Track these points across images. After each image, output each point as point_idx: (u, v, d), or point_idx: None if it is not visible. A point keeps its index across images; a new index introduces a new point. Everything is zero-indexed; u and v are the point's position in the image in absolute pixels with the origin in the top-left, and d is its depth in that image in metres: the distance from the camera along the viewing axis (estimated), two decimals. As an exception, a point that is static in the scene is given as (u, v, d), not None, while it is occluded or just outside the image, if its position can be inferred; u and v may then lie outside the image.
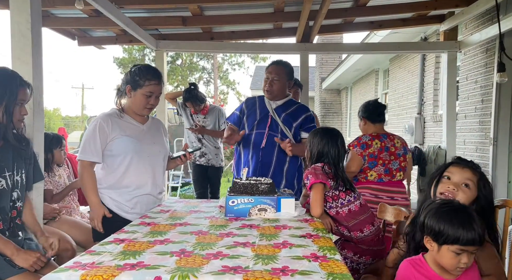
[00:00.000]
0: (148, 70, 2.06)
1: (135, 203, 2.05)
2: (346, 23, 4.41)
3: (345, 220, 1.92)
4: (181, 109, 4.26)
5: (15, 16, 2.08)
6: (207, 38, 4.54)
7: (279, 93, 2.63)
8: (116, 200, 2.04)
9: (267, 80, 2.61)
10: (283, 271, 1.13)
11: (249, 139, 2.62)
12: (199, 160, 4.20)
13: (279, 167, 2.57)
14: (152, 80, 2.03)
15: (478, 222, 1.20)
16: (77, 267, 1.14)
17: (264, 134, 2.58)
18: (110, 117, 2.05)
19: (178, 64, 21.12)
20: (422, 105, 5.47)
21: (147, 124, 2.16)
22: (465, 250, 1.19)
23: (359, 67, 8.09)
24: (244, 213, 1.83)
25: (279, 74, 2.59)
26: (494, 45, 3.73)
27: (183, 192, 7.53)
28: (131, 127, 2.08)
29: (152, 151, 2.12)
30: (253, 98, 2.79)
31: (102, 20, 3.75)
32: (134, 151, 2.03)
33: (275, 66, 2.63)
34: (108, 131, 2.01)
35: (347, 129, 11.04)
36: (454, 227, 1.19)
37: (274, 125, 2.59)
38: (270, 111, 2.62)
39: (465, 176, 1.42)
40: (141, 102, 2.05)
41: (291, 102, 2.70)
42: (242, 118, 2.71)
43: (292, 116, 2.61)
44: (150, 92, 2.04)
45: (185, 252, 1.29)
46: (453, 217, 1.21)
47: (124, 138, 2.02)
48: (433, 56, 5.16)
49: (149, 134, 2.14)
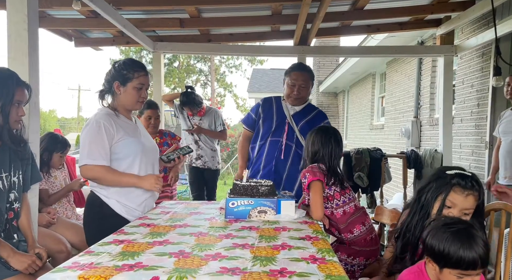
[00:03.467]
0: (134, 62, 2.00)
1: (144, 206, 1.98)
2: (343, 26, 4.43)
3: (339, 221, 1.92)
4: (178, 111, 4.25)
5: (11, 16, 2.07)
6: (204, 40, 4.54)
7: (304, 99, 2.54)
8: (125, 204, 1.91)
9: (293, 87, 2.48)
10: (281, 272, 1.12)
11: (263, 148, 2.51)
12: (195, 163, 4.19)
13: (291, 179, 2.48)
14: (141, 71, 1.96)
15: (481, 244, 1.14)
16: (76, 267, 1.13)
17: (278, 143, 2.47)
18: (111, 118, 1.92)
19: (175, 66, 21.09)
20: (419, 109, 5.50)
21: (132, 119, 2.08)
22: (467, 274, 1.14)
23: (356, 71, 8.12)
24: (244, 215, 1.82)
25: (306, 81, 2.50)
26: (490, 50, 3.76)
27: (179, 195, 7.51)
28: (129, 127, 1.99)
29: (151, 148, 2.07)
30: (270, 99, 2.64)
31: (99, 21, 3.75)
32: (141, 152, 1.95)
33: (302, 72, 2.51)
34: (113, 133, 1.89)
35: (344, 132, 11.06)
36: (454, 252, 1.13)
37: (290, 133, 2.48)
38: (287, 117, 2.50)
39: (466, 205, 1.33)
40: (133, 96, 1.95)
41: (310, 108, 2.58)
42: (257, 121, 2.59)
43: (310, 125, 2.47)
44: (141, 84, 1.95)
45: (183, 253, 1.28)
46: (455, 240, 1.14)
47: (129, 140, 1.93)
48: (429, 60, 5.19)
49: (141, 130, 2.07)
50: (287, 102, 2.55)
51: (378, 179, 3.86)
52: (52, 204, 2.66)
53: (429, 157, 4.14)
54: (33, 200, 2.03)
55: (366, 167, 3.86)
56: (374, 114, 8.09)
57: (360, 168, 3.86)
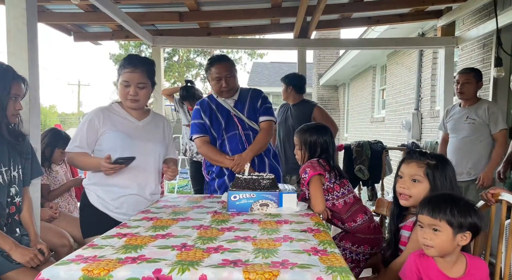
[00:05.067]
0: (126, 58, 1.94)
1: (121, 203, 1.93)
2: (343, 18, 4.41)
3: (341, 212, 1.94)
4: (178, 105, 4.24)
5: (10, 11, 2.06)
6: (204, 34, 4.52)
7: (234, 88, 2.49)
8: (101, 197, 1.94)
9: (220, 80, 2.41)
10: (282, 264, 1.13)
11: (224, 145, 2.45)
12: (196, 157, 4.19)
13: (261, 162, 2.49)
14: (126, 67, 1.89)
15: (439, 199, 1.27)
16: (79, 260, 1.13)
17: (236, 136, 2.44)
18: (104, 111, 1.96)
19: (175, 60, 21.03)
20: (420, 101, 5.49)
21: (145, 120, 2.04)
22: (420, 221, 1.26)
23: (357, 63, 8.09)
24: (246, 208, 1.83)
25: (230, 70, 2.45)
26: (491, 41, 3.74)
27: (180, 189, 7.53)
28: (124, 123, 1.96)
29: (144, 150, 1.96)
30: (204, 101, 2.55)
31: (98, 15, 3.73)
32: (122, 147, 1.89)
33: (222, 63, 2.44)
34: (98, 125, 1.91)
35: (344, 125, 11.06)
36: (421, 203, 1.30)
37: (242, 123, 2.45)
38: (231, 110, 2.47)
39: (411, 171, 1.49)
40: (121, 93, 1.93)
41: (243, 93, 2.54)
42: (205, 124, 2.47)
43: (253, 108, 2.48)
44: (125, 81, 1.89)
45: (186, 246, 1.29)
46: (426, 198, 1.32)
47: (113, 134, 1.91)
48: (430, 52, 5.17)
49: (145, 131, 2.00)
50: (222, 97, 2.49)
51: (379, 172, 3.87)
52: (52, 200, 2.67)
53: (430, 149, 4.14)
54: (35, 194, 2.04)
55: (367, 159, 3.86)
56: (375, 107, 8.08)
57: (361, 161, 3.86)
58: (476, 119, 2.96)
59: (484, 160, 2.97)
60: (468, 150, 3.00)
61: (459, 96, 3.06)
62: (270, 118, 2.51)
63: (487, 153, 2.99)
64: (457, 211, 1.22)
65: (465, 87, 2.99)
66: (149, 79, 1.95)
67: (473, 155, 2.98)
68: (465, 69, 3.15)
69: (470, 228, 1.23)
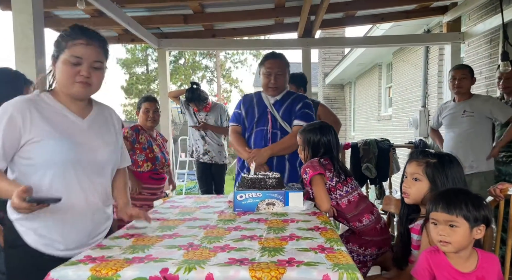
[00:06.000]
0: (74, 26, 1.39)
1: (67, 234, 1.38)
2: (347, 17, 4.40)
3: (345, 211, 1.92)
4: (184, 107, 4.27)
5: (17, 17, 2.10)
6: (208, 35, 4.55)
7: (281, 88, 2.50)
8: (42, 235, 1.35)
9: (270, 75, 2.45)
10: (289, 262, 1.13)
11: (250, 139, 2.47)
12: (202, 158, 4.22)
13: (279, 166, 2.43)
14: (77, 38, 1.35)
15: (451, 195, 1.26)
16: (87, 260, 1.15)
17: (263, 132, 2.44)
18: (31, 105, 1.34)
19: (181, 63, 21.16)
20: (426, 98, 5.44)
21: (89, 117, 1.46)
22: (435, 219, 1.24)
23: (362, 62, 8.05)
24: (252, 208, 1.83)
25: (282, 68, 2.46)
26: (498, 35, 3.70)
27: (188, 191, 7.56)
28: (64, 123, 1.38)
29: (94, 158, 1.43)
30: (250, 95, 2.65)
31: (104, 20, 3.77)
32: (66, 161, 1.35)
33: (275, 60, 2.48)
34: (20, 126, 1.30)
35: (351, 124, 11.01)
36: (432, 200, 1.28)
37: (274, 121, 2.44)
38: (268, 106, 2.48)
39: (412, 170, 1.51)
40: (64, 74, 1.35)
41: (289, 95, 2.54)
42: (241, 115, 2.56)
43: (290, 110, 2.47)
44: (75, 57, 1.34)
45: (192, 245, 1.30)
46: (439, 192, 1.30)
47: (51, 142, 1.33)
48: (436, 49, 5.13)
49: (92, 132, 1.44)
50: (266, 93, 2.54)
51: (386, 170, 3.85)
52: None
53: (437, 147, 4.10)
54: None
55: (374, 158, 3.84)
56: (382, 105, 8.03)
57: (368, 159, 3.84)
58: (473, 112, 3.02)
59: (485, 153, 2.99)
60: (469, 144, 3.03)
61: (457, 90, 3.14)
62: (305, 123, 2.35)
63: (488, 146, 3.02)
64: (472, 205, 1.22)
65: (462, 82, 3.08)
66: (105, 59, 1.44)
67: (475, 148, 3.01)
68: (460, 65, 3.26)
69: (483, 221, 1.23)
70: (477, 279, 1.22)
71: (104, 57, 1.43)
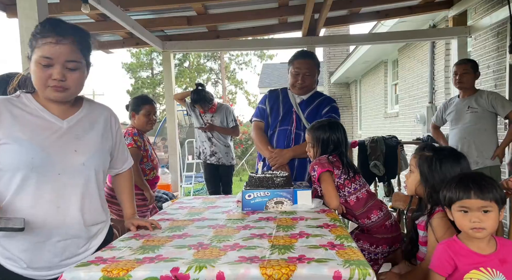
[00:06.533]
0: (44, 21, 1.26)
1: (30, 251, 1.23)
2: (352, 14, 4.38)
3: (354, 208, 1.91)
4: (190, 109, 4.28)
5: (23, 23, 2.11)
6: (213, 36, 4.55)
7: (309, 88, 2.42)
8: (5, 247, 1.23)
9: (297, 75, 2.37)
10: (299, 259, 1.12)
11: (273, 138, 2.43)
12: (209, 159, 4.22)
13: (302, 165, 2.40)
14: (45, 35, 1.20)
15: (478, 180, 1.23)
16: (98, 261, 1.15)
17: (287, 132, 2.40)
18: (5, 105, 1.25)
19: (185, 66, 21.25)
20: (433, 94, 5.39)
21: (72, 118, 1.32)
22: (467, 206, 1.21)
23: (367, 59, 8.01)
24: (261, 207, 1.83)
25: (310, 68, 2.38)
26: (505, 28, 3.65)
27: (196, 193, 7.57)
28: (37, 125, 1.26)
29: (71, 162, 1.28)
30: (276, 90, 2.56)
31: (109, 24, 3.80)
32: (32, 166, 1.21)
33: (305, 59, 2.39)
34: None
35: (357, 122, 10.95)
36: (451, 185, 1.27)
37: (298, 121, 2.39)
38: (294, 106, 2.42)
39: (411, 163, 1.57)
40: (37, 77, 1.23)
41: (316, 96, 2.47)
42: (266, 111, 2.49)
43: (316, 111, 2.40)
44: (44, 58, 1.20)
45: (202, 245, 1.29)
46: (452, 179, 1.29)
47: (16, 145, 1.21)
48: (442, 44, 5.08)
49: (72, 134, 1.31)
50: (293, 92, 2.47)
51: (394, 167, 3.81)
52: None
53: (446, 141, 4.06)
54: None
55: (382, 155, 3.81)
56: (388, 102, 7.98)
57: (376, 156, 3.81)
58: (477, 108, 3.02)
59: (491, 148, 2.98)
60: (473, 140, 3.03)
61: (459, 86, 3.14)
62: None
63: (492, 141, 3.02)
64: (498, 187, 1.23)
65: (464, 77, 3.09)
66: (83, 56, 1.28)
67: (479, 144, 3.01)
68: (462, 60, 3.29)
69: (504, 202, 1.24)
70: (500, 262, 1.21)
71: (81, 54, 1.26)
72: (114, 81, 49.78)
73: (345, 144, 2.02)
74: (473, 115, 3.03)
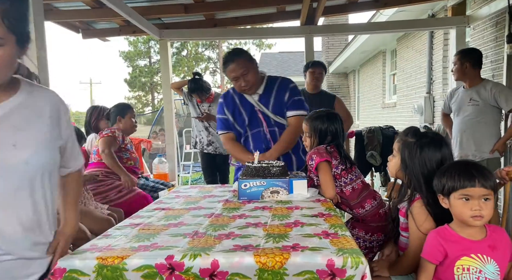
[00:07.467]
0: None
1: None
2: (350, 3, 4.33)
3: (349, 198, 1.93)
4: (187, 98, 4.26)
5: None
6: (210, 25, 4.51)
7: (256, 83, 2.27)
8: None
9: (237, 79, 2.23)
10: (293, 248, 1.14)
11: (248, 143, 2.32)
12: (206, 149, 4.22)
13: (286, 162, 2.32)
14: None
15: (479, 168, 1.25)
16: (94, 249, 1.16)
17: (261, 134, 2.29)
18: None
19: (183, 55, 21.10)
20: (431, 84, 5.38)
21: (7, 103, 1.06)
22: (469, 194, 1.22)
23: (366, 49, 7.97)
24: (257, 196, 1.84)
25: (244, 65, 2.23)
26: (504, 18, 3.62)
27: (194, 182, 7.59)
28: None
29: (6, 164, 1.02)
30: (229, 95, 2.38)
31: (105, 11, 3.75)
32: None
33: (235, 61, 2.23)
34: None
35: (355, 112, 10.94)
36: (450, 172, 1.27)
37: (267, 119, 2.28)
38: (255, 105, 2.29)
39: (394, 146, 1.60)
40: None
41: (270, 83, 2.32)
42: (229, 120, 2.35)
43: (280, 101, 2.28)
44: None
45: (198, 233, 1.30)
46: (452, 167, 1.30)
47: None
48: (441, 33, 5.05)
49: (7, 125, 1.04)
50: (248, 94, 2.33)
51: (391, 157, 3.83)
52: None
53: (443, 132, 4.06)
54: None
55: (379, 145, 3.82)
56: (386, 92, 7.96)
57: (373, 146, 3.82)
58: (479, 101, 2.97)
59: (489, 142, 2.97)
60: (472, 132, 3.00)
61: (455, 77, 3.15)
62: (299, 112, 2.28)
63: (492, 135, 2.98)
64: (494, 176, 1.26)
65: (455, 68, 3.09)
66: (8, 29, 0.97)
67: (478, 137, 2.99)
68: (458, 51, 3.29)
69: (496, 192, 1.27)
70: (490, 248, 1.23)
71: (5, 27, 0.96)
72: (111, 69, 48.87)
73: (342, 135, 2.03)
74: (474, 108, 2.98)
